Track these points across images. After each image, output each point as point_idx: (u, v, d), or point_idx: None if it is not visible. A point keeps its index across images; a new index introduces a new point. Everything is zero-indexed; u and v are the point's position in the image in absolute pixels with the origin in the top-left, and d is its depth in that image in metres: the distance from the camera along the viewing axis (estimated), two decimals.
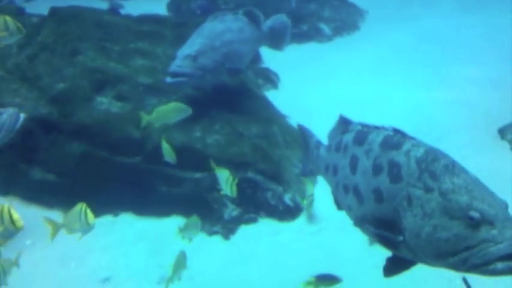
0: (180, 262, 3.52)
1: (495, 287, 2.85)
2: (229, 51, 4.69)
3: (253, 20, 5.00)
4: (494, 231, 1.93)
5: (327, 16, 8.76)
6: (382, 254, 2.43)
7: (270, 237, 4.15)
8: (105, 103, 4.89)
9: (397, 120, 5.63)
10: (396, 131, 2.37)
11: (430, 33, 8.03)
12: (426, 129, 5.41)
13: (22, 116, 4.08)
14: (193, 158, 4.49)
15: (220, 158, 4.58)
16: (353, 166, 2.45)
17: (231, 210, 4.37)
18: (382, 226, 2.24)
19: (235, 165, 4.59)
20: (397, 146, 2.28)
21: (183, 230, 3.78)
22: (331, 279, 3.29)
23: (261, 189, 4.52)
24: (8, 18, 3.55)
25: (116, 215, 4.45)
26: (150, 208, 4.43)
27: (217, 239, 4.16)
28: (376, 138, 2.38)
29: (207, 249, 4.00)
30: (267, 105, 5.78)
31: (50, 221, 3.45)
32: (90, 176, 4.51)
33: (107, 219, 4.30)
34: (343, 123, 2.72)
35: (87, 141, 4.62)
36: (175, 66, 4.54)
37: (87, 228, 3.40)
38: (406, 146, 2.26)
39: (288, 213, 4.39)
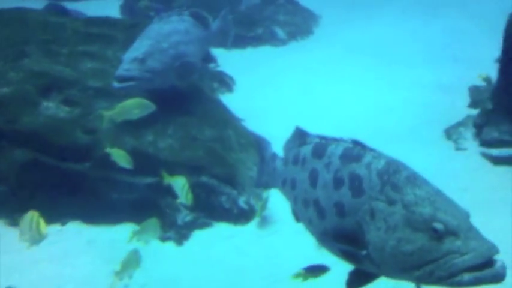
0: (132, 259, 3.40)
1: None
2: (177, 52, 4.62)
3: (201, 21, 4.96)
4: (459, 242, 1.91)
5: (282, 20, 8.86)
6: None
7: (225, 241, 4.11)
8: (52, 108, 4.70)
9: (348, 123, 5.79)
10: (355, 143, 2.33)
11: (382, 36, 8.26)
12: (376, 131, 5.53)
13: None
14: (145, 163, 4.38)
15: (174, 162, 4.51)
16: (313, 180, 2.40)
17: (185, 215, 4.29)
18: (345, 240, 2.20)
19: (189, 169, 4.52)
20: (357, 158, 2.25)
21: (139, 233, 3.65)
22: (320, 269, 3.27)
23: (215, 193, 4.48)
24: None
25: (63, 223, 4.27)
26: (100, 216, 4.28)
27: (170, 245, 4.07)
28: (336, 151, 2.34)
29: (160, 256, 3.91)
30: (222, 108, 5.75)
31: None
32: (35, 184, 4.31)
33: (54, 229, 4.12)
34: (300, 135, 2.65)
35: (32, 148, 4.42)
36: (122, 70, 4.41)
37: (39, 238, 3.25)
38: (367, 158, 2.23)
39: (243, 216, 4.37)
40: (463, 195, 4.22)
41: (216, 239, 4.15)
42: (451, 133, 5.29)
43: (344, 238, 2.20)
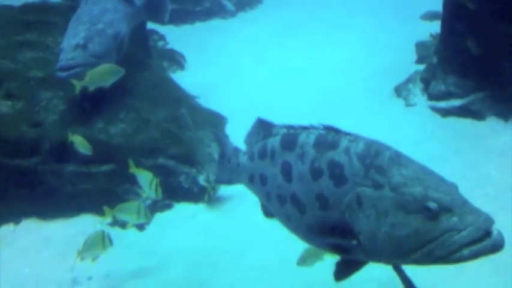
0: (97, 240, 3.28)
1: None
2: (114, 31, 4.50)
3: None
4: (455, 219, 1.84)
5: None
6: None
7: (187, 221, 4.09)
8: None
9: (302, 89, 5.80)
10: (328, 129, 2.19)
11: (330, 1, 8.22)
12: (328, 94, 5.59)
13: None
14: (98, 151, 4.26)
15: (128, 147, 4.42)
16: (286, 173, 2.25)
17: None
18: (332, 233, 2.07)
19: (145, 153, 4.44)
20: (333, 145, 2.11)
21: (119, 211, 3.47)
22: None
23: (173, 174, 4.43)
24: None
25: (17, 222, 4.13)
26: (55, 210, 4.17)
27: (131, 231, 4.00)
28: (308, 140, 2.20)
29: (122, 244, 3.84)
30: (174, 87, 5.63)
31: None
32: None
33: (7, 229, 4.00)
34: (263, 127, 2.48)
35: None
36: (65, 59, 4.23)
37: None
38: (343, 143, 2.09)
39: (203, 194, 4.34)
40: (416, 150, 4.32)
41: (178, 220, 4.12)
42: (400, 90, 5.38)
43: (331, 231, 2.07)
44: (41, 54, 5.12)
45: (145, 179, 3.64)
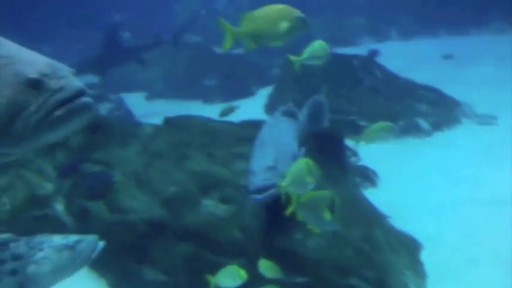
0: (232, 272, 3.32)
1: None
2: (292, 151, 4.83)
3: (292, 115, 5.38)
4: None
5: (424, 110, 8.70)
6: None
7: None
8: (211, 206, 5.16)
9: (498, 216, 5.20)
10: None
11: None
12: None
13: (101, 243, 3.85)
14: (294, 262, 4.48)
15: (322, 261, 4.53)
16: None
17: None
18: None
19: (338, 270, 4.48)
20: None
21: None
22: None
23: None
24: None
25: None
26: None
27: None
28: None
29: None
30: (367, 204, 5.70)
31: None
32: (195, 276, 4.66)
33: None
34: None
35: (194, 243, 4.84)
36: (261, 181, 4.50)
37: None
38: None
39: None
40: None
41: None
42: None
43: None
44: None
45: None
